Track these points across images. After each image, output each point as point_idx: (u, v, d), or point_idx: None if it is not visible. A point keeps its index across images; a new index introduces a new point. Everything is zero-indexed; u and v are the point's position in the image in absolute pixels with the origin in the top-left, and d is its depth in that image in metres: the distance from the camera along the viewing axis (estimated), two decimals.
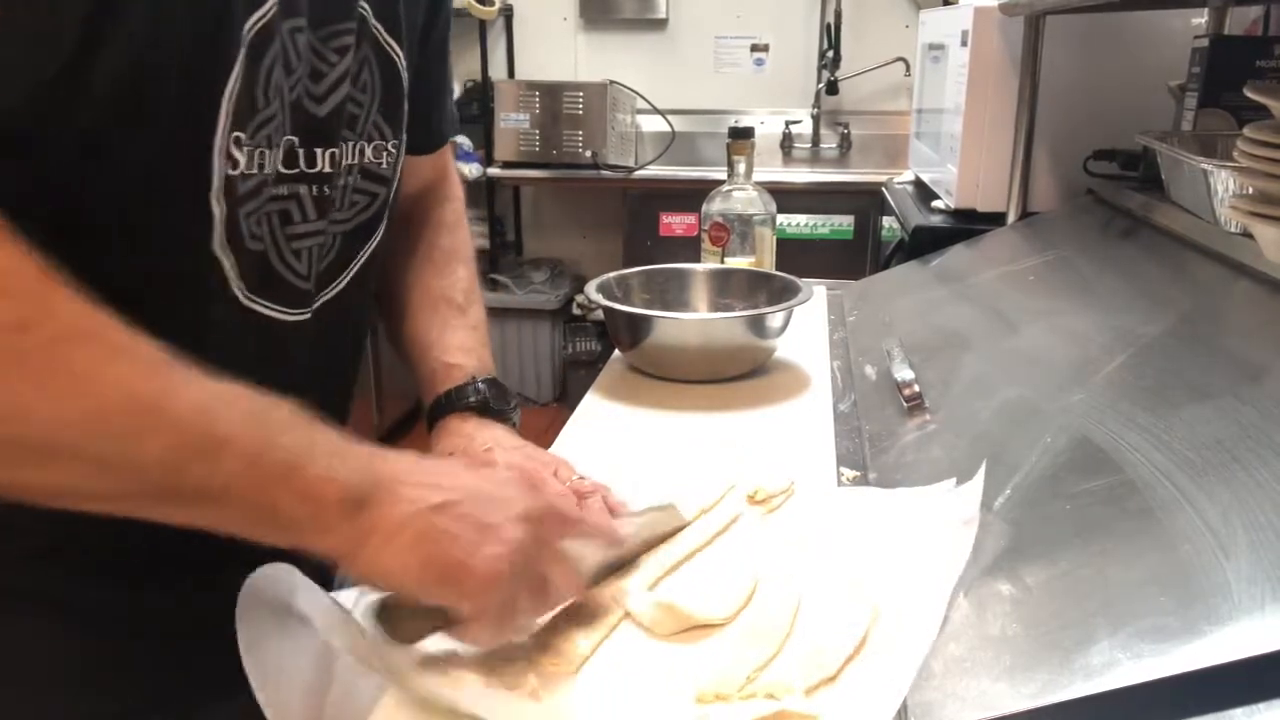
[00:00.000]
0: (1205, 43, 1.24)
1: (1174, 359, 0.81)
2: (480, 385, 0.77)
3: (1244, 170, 0.86)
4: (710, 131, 3.22)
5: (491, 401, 0.77)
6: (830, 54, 3.12)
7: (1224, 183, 0.97)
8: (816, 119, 3.24)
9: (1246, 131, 0.84)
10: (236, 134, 0.56)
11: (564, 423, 0.97)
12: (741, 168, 1.31)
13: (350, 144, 0.66)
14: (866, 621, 0.58)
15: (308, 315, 0.66)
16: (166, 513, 0.47)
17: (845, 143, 3.22)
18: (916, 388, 0.92)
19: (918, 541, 0.67)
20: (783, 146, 3.25)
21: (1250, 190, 0.87)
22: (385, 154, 0.70)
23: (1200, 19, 1.42)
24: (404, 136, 0.71)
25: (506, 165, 3.02)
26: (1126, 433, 0.69)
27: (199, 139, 0.54)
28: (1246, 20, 1.42)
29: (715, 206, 1.31)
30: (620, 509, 0.72)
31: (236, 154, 0.56)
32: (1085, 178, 1.47)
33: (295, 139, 0.61)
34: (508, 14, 3.37)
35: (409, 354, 0.81)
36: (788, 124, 3.24)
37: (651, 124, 3.18)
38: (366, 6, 0.64)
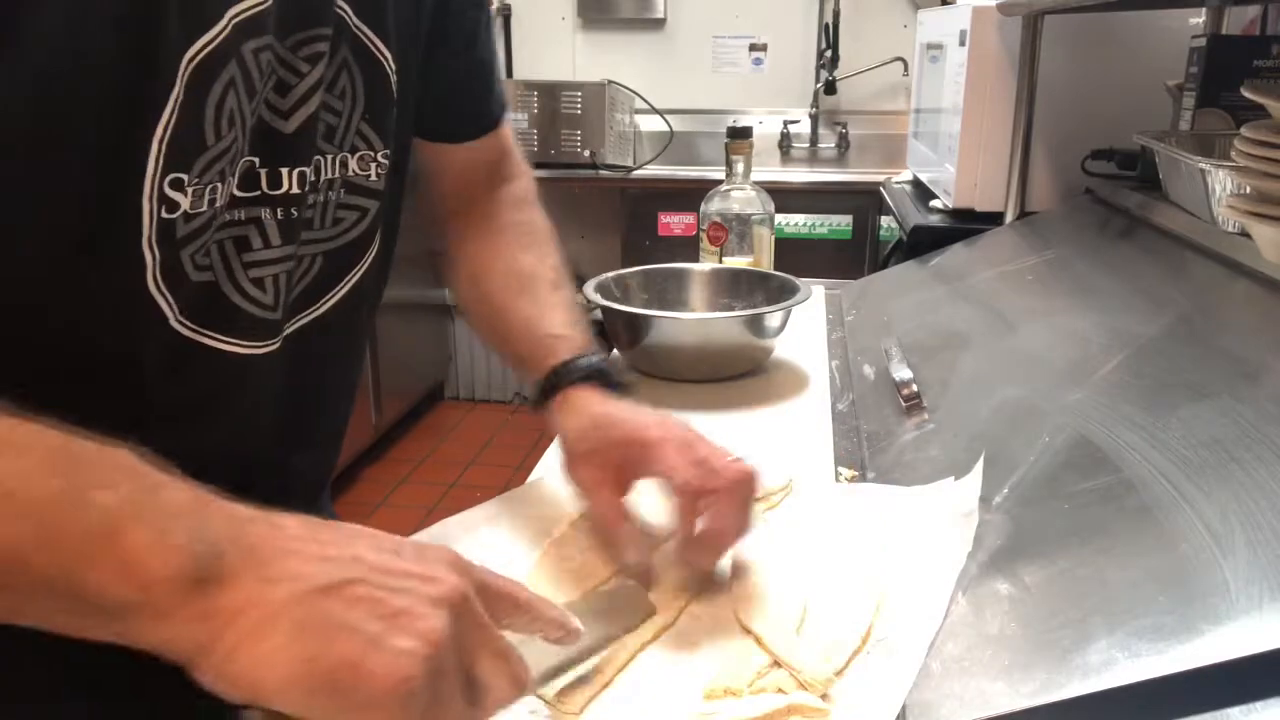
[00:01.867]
0: (1203, 42, 1.24)
1: (1172, 358, 0.81)
2: (596, 357, 0.70)
3: (1242, 170, 0.86)
4: (708, 131, 3.22)
5: (612, 372, 0.70)
6: (828, 54, 3.12)
7: (1221, 182, 0.97)
8: (815, 119, 3.24)
9: (1244, 131, 0.84)
10: (176, 175, 0.49)
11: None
12: (740, 167, 1.31)
13: (330, 157, 0.60)
14: (870, 615, 0.59)
15: (275, 346, 0.59)
16: None
17: (843, 142, 3.22)
18: (915, 387, 0.92)
19: (918, 534, 0.67)
20: (781, 146, 3.25)
21: (1248, 190, 0.87)
22: (374, 165, 0.63)
23: (1198, 19, 1.42)
24: (393, 145, 0.65)
25: None
26: (1124, 432, 0.69)
27: (123, 187, 0.48)
28: (1244, 20, 1.42)
29: (713, 206, 1.31)
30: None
31: (175, 196, 0.49)
32: (1083, 177, 1.47)
33: (255, 160, 0.54)
34: (506, 13, 3.37)
35: (504, 333, 0.75)
36: (786, 124, 3.24)
37: (650, 124, 3.18)
38: (345, 7, 0.58)
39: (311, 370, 0.65)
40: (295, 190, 0.57)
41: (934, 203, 1.72)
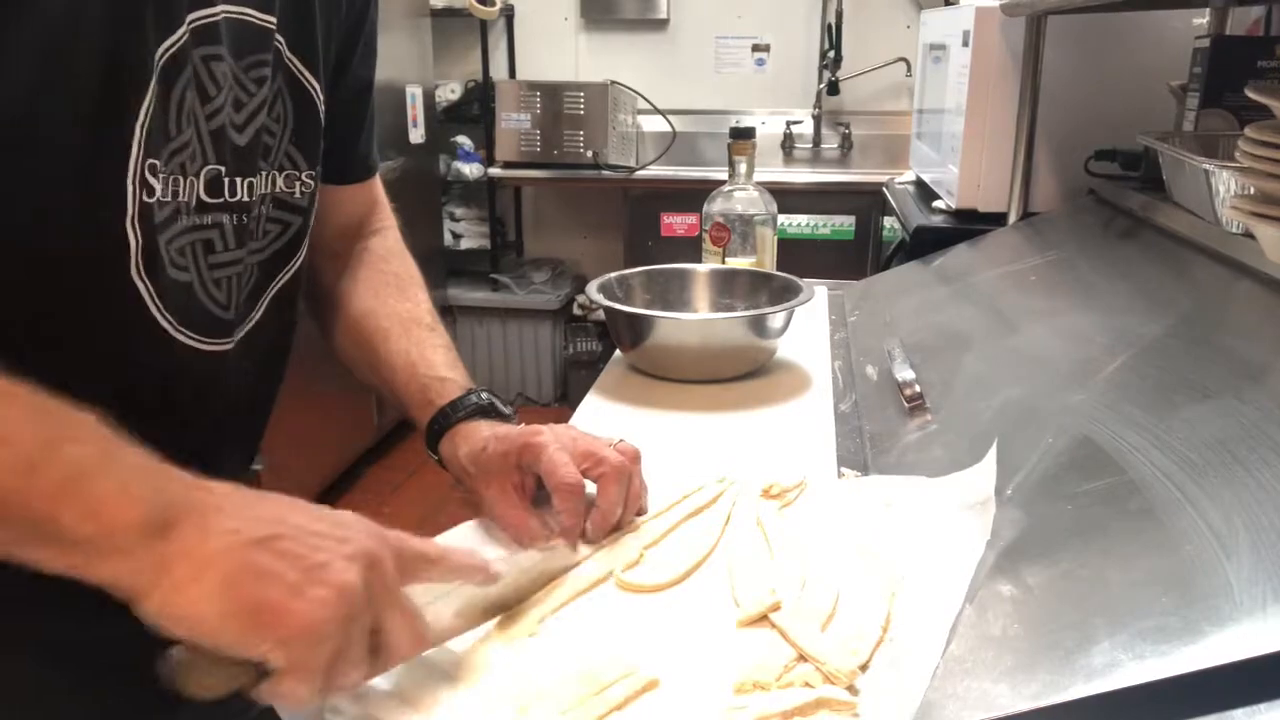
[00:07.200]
0: (1206, 43, 1.24)
1: (1175, 359, 0.81)
2: (482, 393, 0.76)
3: (1245, 170, 0.86)
4: (711, 132, 3.22)
5: (498, 405, 0.76)
6: (831, 54, 3.12)
7: (1225, 183, 0.97)
8: (818, 119, 3.24)
9: (1248, 131, 0.84)
10: (151, 161, 0.54)
11: (565, 423, 0.97)
12: (743, 168, 1.31)
13: (264, 174, 0.65)
14: (887, 605, 0.59)
15: (230, 345, 0.65)
16: None
17: (846, 143, 3.22)
18: (917, 388, 0.92)
19: (934, 523, 0.68)
20: (784, 147, 3.25)
21: (1251, 190, 0.87)
22: (299, 184, 0.69)
23: (1201, 19, 1.42)
24: (319, 167, 0.70)
25: (507, 165, 3.02)
26: (1127, 433, 0.69)
27: (112, 165, 0.53)
28: (1248, 20, 1.42)
29: (716, 207, 1.31)
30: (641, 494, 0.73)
31: (152, 181, 0.55)
32: (1086, 178, 1.47)
33: (221, 168, 0.60)
34: (509, 14, 3.37)
35: (388, 376, 0.79)
36: (789, 124, 3.24)
37: (652, 124, 3.18)
38: (280, 39, 0.64)
39: (255, 367, 0.70)
40: (245, 198, 0.63)
41: (937, 203, 1.72)
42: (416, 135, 3.08)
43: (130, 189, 0.53)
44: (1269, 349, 0.77)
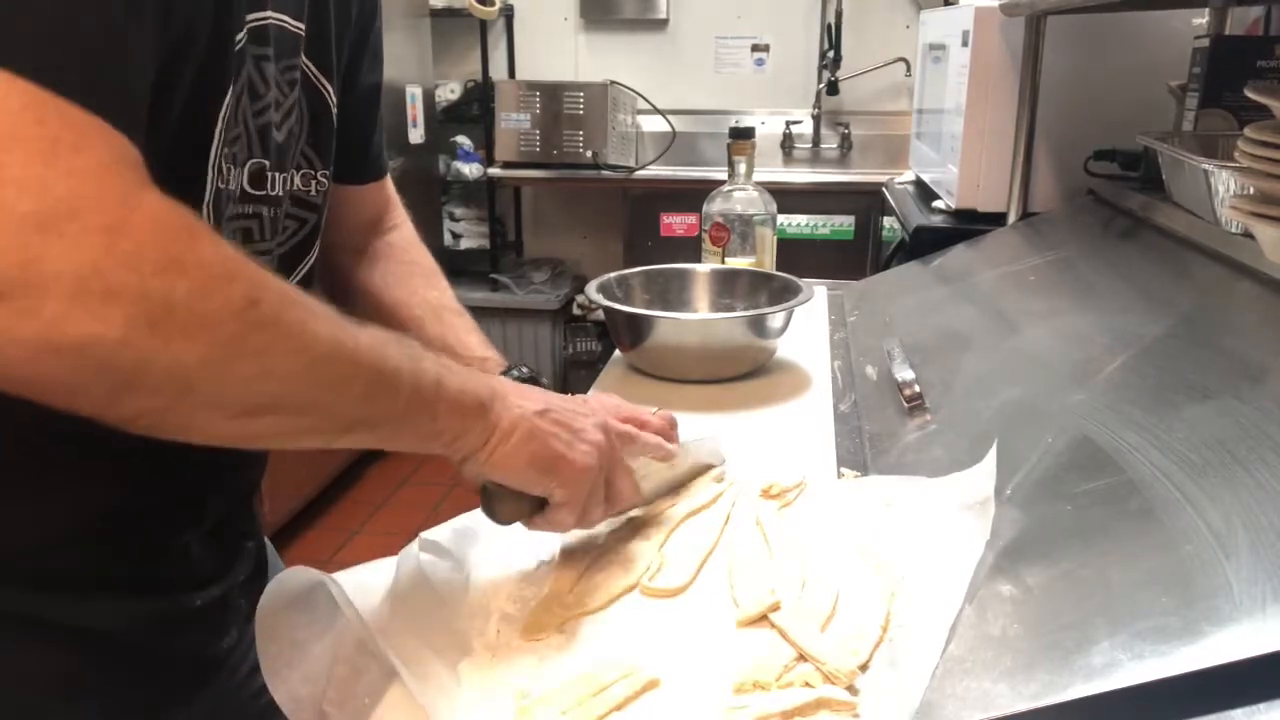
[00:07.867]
0: (1206, 43, 1.24)
1: (1175, 359, 0.81)
2: (522, 368, 0.83)
3: (1245, 170, 0.86)
4: (711, 132, 3.22)
5: (539, 378, 0.82)
6: (831, 54, 3.12)
7: (1225, 183, 0.97)
8: (817, 119, 3.24)
9: (1247, 131, 0.84)
10: (225, 149, 0.58)
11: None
12: (742, 168, 1.31)
13: (284, 172, 0.69)
14: (886, 604, 0.59)
15: None
16: (344, 440, 0.53)
17: (846, 143, 3.22)
18: (917, 388, 0.92)
19: (933, 522, 0.68)
20: (783, 147, 3.25)
21: (1251, 190, 0.87)
22: (314, 182, 0.72)
23: (1201, 19, 1.42)
24: (331, 167, 0.74)
25: (507, 165, 3.02)
26: (1127, 433, 0.69)
27: (199, 152, 0.57)
28: (1247, 20, 1.42)
29: (716, 207, 1.31)
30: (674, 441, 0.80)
31: (225, 168, 0.59)
32: (1086, 178, 1.47)
33: (265, 162, 0.64)
34: (508, 14, 3.37)
35: None
36: (788, 124, 3.24)
37: (652, 124, 3.18)
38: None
39: None
40: (279, 192, 0.67)
41: (936, 203, 1.72)
42: (416, 135, 3.08)
43: (210, 174, 0.58)
44: (1269, 349, 0.77)
